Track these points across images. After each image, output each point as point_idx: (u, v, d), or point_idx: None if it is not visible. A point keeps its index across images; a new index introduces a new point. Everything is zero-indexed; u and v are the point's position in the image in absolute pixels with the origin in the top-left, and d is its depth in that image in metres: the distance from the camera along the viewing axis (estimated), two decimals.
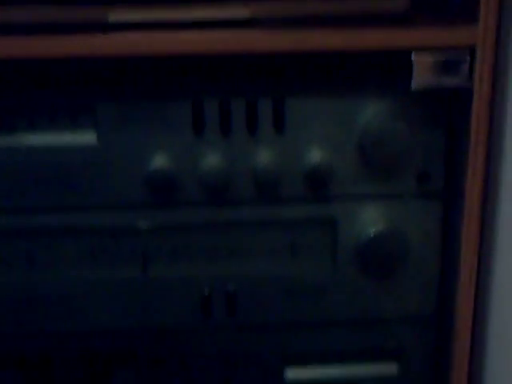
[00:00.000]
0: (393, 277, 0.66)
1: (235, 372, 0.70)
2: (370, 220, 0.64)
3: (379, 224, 0.64)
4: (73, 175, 0.63)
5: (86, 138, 0.63)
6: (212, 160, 0.62)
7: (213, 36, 0.57)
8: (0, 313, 0.67)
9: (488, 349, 0.65)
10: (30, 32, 0.58)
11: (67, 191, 0.64)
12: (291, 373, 0.71)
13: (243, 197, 0.64)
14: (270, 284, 0.67)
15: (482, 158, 0.59)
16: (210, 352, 0.69)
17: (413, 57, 0.58)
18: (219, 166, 0.62)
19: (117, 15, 0.61)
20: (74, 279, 0.67)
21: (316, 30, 0.57)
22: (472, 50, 0.57)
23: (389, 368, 0.71)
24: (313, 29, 0.57)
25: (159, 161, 0.62)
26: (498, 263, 0.61)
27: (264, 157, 0.62)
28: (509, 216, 0.59)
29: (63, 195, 0.64)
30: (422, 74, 0.58)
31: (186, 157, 0.62)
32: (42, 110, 0.62)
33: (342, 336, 0.69)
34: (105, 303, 0.67)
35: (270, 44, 0.57)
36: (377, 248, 0.64)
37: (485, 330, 0.65)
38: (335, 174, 0.63)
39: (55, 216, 0.65)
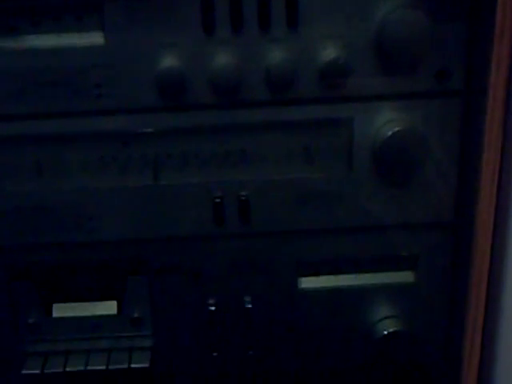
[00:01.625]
0: (410, 181, 0.65)
1: (248, 281, 0.70)
2: (387, 120, 0.63)
3: (396, 124, 0.62)
4: (80, 78, 0.62)
5: (93, 38, 0.61)
6: (223, 59, 0.61)
7: None
8: (10, 224, 0.67)
9: (508, 256, 0.63)
10: None
11: (74, 95, 0.63)
12: (305, 282, 0.71)
13: (256, 98, 0.63)
14: (283, 190, 0.66)
15: (507, 49, 0.56)
16: (222, 261, 0.69)
17: None
18: (230, 64, 0.60)
19: None
20: (83, 188, 0.66)
21: None
22: None
23: (405, 276, 0.70)
24: None
25: (169, 60, 0.61)
26: None
27: (277, 55, 0.61)
28: None
29: (70, 100, 0.63)
30: None
31: (196, 56, 0.61)
32: (46, 11, 0.61)
33: (357, 244, 0.69)
34: (116, 212, 0.67)
35: None
36: (394, 150, 0.62)
37: (505, 238, 0.63)
38: (351, 72, 0.61)
39: (63, 122, 0.64)
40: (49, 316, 0.72)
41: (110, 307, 0.72)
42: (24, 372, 0.71)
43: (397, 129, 0.62)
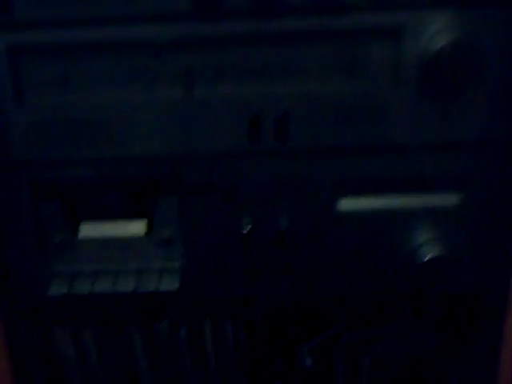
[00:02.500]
0: (461, 96, 0.62)
1: (284, 202, 0.68)
2: (439, 30, 0.60)
3: (449, 34, 0.59)
4: None
5: None
6: None
7: None
8: (35, 139, 0.65)
9: None
10: None
11: (103, 1, 0.60)
12: (344, 203, 0.68)
13: (296, 4, 0.60)
14: (324, 104, 0.63)
15: None
16: (257, 180, 0.67)
17: None
18: None
19: None
20: (112, 101, 0.64)
21: None
22: None
23: (450, 198, 0.68)
24: None
25: None
26: None
27: None
28: None
29: (99, 6, 0.60)
30: None
31: None
32: None
33: (401, 163, 0.66)
34: (146, 127, 0.65)
35: None
36: (446, 61, 0.59)
37: None
38: None
39: (91, 30, 0.61)
40: (75, 236, 0.70)
41: (139, 227, 0.71)
42: (50, 293, 0.70)
43: (449, 38, 0.59)
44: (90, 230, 0.71)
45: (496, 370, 0.74)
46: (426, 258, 0.67)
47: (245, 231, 0.69)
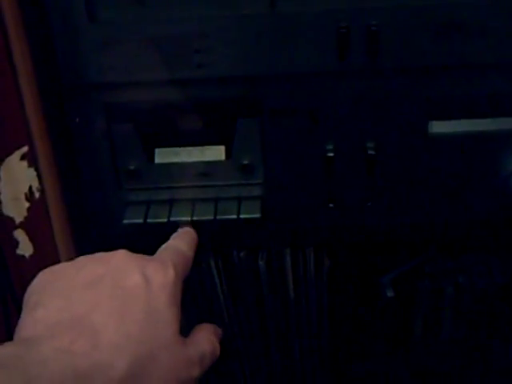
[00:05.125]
0: None
1: (372, 125, 0.68)
2: None
3: None
4: None
5: None
6: None
7: None
8: (110, 58, 0.66)
9: None
10: None
11: None
12: (436, 126, 0.68)
13: None
14: (418, 19, 0.63)
15: None
16: (343, 101, 0.67)
17: None
18: None
19: None
20: (189, 17, 0.64)
21: None
22: None
23: None
24: None
25: None
26: None
27: None
28: None
29: None
30: None
31: None
32: None
33: (497, 84, 0.66)
34: (225, 45, 0.65)
35: None
36: None
37: None
38: None
39: None
40: (151, 162, 0.71)
41: (217, 152, 0.71)
42: (125, 222, 0.71)
43: None
44: (166, 156, 0.71)
45: None
46: None
47: (329, 156, 0.68)
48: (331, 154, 0.69)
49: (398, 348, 0.84)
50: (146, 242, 0.67)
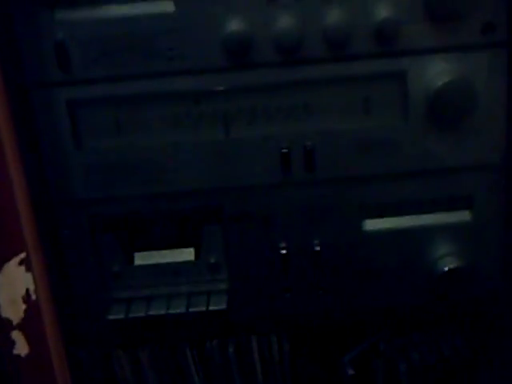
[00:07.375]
0: (461, 127, 0.74)
1: (315, 226, 0.80)
2: (438, 72, 0.72)
3: (447, 75, 0.71)
4: (154, 43, 0.72)
5: (164, 6, 0.72)
6: (285, 21, 0.70)
7: None
8: (92, 179, 0.77)
9: None
10: None
11: (149, 59, 0.73)
12: (369, 224, 0.80)
13: (316, 55, 0.72)
14: (345, 139, 0.75)
15: None
16: (290, 207, 0.79)
17: None
18: (292, 26, 0.70)
19: None
20: (159, 143, 0.76)
21: None
22: None
23: (462, 216, 0.79)
24: None
25: (234, 24, 0.71)
26: None
27: (334, 15, 0.70)
28: None
29: (146, 63, 0.73)
30: None
31: (259, 19, 0.71)
32: None
33: (416, 187, 0.78)
34: (190, 165, 0.76)
35: None
36: (445, 99, 0.71)
37: None
38: (403, 29, 0.71)
39: (139, 83, 0.74)
40: (131, 264, 0.82)
41: (188, 254, 0.82)
42: (109, 317, 0.81)
43: (447, 79, 0.71)
44: (143, 259, 0.82)
45: None
46: (444, 270, 0.79)
47: (282, 253, 0.80)
48: (284, 252, 0.80)
49: None
50: (127, 336, 0.80)
